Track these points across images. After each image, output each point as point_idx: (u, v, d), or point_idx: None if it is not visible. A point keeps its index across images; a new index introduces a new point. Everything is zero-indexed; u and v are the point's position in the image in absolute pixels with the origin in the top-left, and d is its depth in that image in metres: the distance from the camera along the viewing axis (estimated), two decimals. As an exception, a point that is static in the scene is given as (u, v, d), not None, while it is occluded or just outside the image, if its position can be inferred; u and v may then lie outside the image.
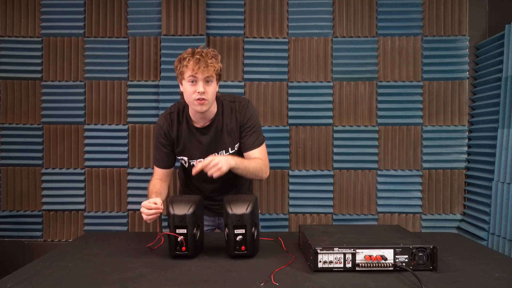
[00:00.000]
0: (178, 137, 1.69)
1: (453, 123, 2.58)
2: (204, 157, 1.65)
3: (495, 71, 2.33)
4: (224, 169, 1.45)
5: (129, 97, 2.63)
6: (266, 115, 2.61)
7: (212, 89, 1.57)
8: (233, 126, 1.68)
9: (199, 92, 1.52)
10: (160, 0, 2.59)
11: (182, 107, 1.71)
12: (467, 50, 2.56)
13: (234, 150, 1.70)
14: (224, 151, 1.69)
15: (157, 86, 2.60)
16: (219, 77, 1.61)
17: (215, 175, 1.44)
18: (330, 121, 2.60)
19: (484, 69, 2.46)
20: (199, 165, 1.45)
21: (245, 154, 1.69)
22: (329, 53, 2.60)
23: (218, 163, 1.43)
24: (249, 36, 2.62)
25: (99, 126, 2.64)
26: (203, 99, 1.53)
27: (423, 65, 2.58)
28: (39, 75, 2.64)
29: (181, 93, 1.64)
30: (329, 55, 2.60)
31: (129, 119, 2.63)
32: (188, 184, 1.83)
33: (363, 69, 2.59)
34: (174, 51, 2.56)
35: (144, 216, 1.45)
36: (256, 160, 1.64)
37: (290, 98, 2.60)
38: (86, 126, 2.64)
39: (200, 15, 2.56)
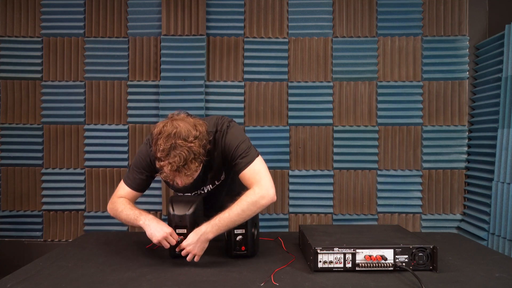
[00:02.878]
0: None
1: (453, 123, 2.58)
2: (191, 191, 1.56)
3: (495, 71, 2.33)
4: (201, 253, 1.32)
5: (129, 97, 2.63)
6: (266, 115, 2.61)
7: (193, 177, 1.35)
8: (219, 159, 1.50)
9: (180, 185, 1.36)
10: (160, 0, 2.59)
11: None
12: (467, 50, 2.55)
13: (219, 181, 1.56)
14: (210, 185, 1.56)
15: (157, 86, 2.60)
16: (201, 161, 1.35)
17: (196, 259, 1.32)
18: (330, 121, 2.60)
19: (484, 69, 2.46)
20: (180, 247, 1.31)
21: (239, 177, 1.45)
22: (329, 53, 2.60)
23: (191, 251, 1.29)
24: (249, 36, 2.62)
25: (99, 126, 2.64)
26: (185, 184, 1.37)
27: (423, 65, 2.58)
28: (39, 75, 2.64)
29: None
30: (329, 55, 2.60)
31: (129, 119, 2.63)
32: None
33: (363, 69, 2.59)
34: (174, 51, 2.56)
35: (164, 243, 1.31)
36: (242, 198, 1.35)
37: (290, 98, 2.60)
38: (86, 126, 2.64)
39: (200, 15, 2.56)
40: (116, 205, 1.48)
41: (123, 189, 1.55)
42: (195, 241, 1.29)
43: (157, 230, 1.31)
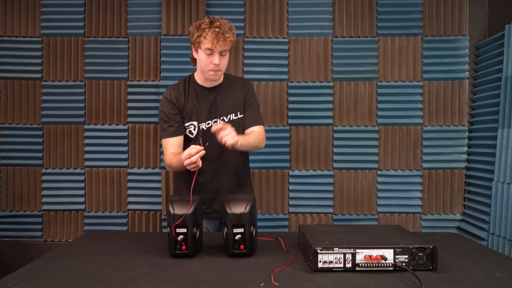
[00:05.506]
0: (185, 101, 1.75)
1: (453, 123, 2.58)
2: (212, 118, 1.75)
3: (495, 71, 2.33)
4: (235, 139, 1.51)
5: (129, 97, 2.63)
6: (266, 115, 2.61)
7: (226, 60, 1.68)
8: (237, 94, 1.80)
9: (214, 64, 1.63)
10: (160, 0, 2.59)
11: (187, 78, 1.81)
12: (467, 50, 2.56)
13: (237, 117, 1.80)
14: (233, 115, 1.78)
15: (157, 86, 2.60)
16: (234, 41, 1.68)
17: (229, 142, 1.49)
18: (330, 121, 2.60)
19: (484, 69, 2.46)
20: (217, 125, 1.52)
21: (246, 130, 1.80)
22: (329, 53, 2.60)
23: (232, 132, 1.51)
24: (249, 36, 2.62)
25: (99, 126, 2.64)
26: (217, 70, 1.65)
27: (423, 65, 2.58)
28: (39, 75, 2.64)
29: (192, 58, 1.75)
30: (329, 55, 2.60)
31: (129, 119, 2.63)
32: (184, 175, 1.79)
33: (363, 69, 2.59)
34: (174, 51, 2.56)
35: (190, 164, 1.47)
36: (254, 133, 1.77)
37: (290, 98, 2.60)
38: (86, 126, 2.64)
39: (200, 15, 2.56)
40: (168, 161, 1.70)
41: (166, 144, 1.74)
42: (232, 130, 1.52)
43: (184, 156, 1.49)
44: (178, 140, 1.73)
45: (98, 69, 2.63)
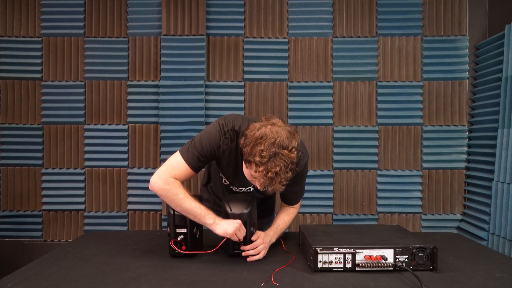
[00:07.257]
0: (226, 158, 1.45)
1: (453, 123, 2.58)
2: (244, 187, 1.53)
3: (495, 71, 2.33)
4: (262, 256, 1.37)
5: (129, 97, 2.63)
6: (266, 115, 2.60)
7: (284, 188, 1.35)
8: None
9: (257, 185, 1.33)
10: (160, 0, 2.59)
11: (236, 137, 1.43)
12: (467, 50, 2.56)
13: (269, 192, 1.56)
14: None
15: (157, 86, 2.60)
16: (294, 171, 1.34)
17: (256, 258, 1.36)
18: (330, 121, 2.60)
19: (484, 69, 2.46)
20: (247, 246, 1.35)
21: (283, 203, 1.64)
22: (329, 53, 2.60)
23: (260, 251, 1.36)
24: (249, 36, 2.62)
25: (99, 126, 2.64)
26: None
27: (423, 65, 2.58)
28: (39, 75, 2.64)
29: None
30: (329, 55, 2.60)
31: (129, 119, 2.63)
32: (216, 187, 1.66)
33: (363, 69, 2.59)
34: (174, 51, 2.56)
35: (239, 235, 1.33)
36: (289, 213, 1.60)
37: (290, 98, 2.60)
38: (86, 126, 2.64)
39: (200, 15, 2.56)
40: (175, 190, 1.35)
41: (178, 164, 1.40)
42: (267, 243, 1.40)
43: (229, 225, 1.31)
44: (190, 173, 1.43)
45: (98, 69, 2.63)
